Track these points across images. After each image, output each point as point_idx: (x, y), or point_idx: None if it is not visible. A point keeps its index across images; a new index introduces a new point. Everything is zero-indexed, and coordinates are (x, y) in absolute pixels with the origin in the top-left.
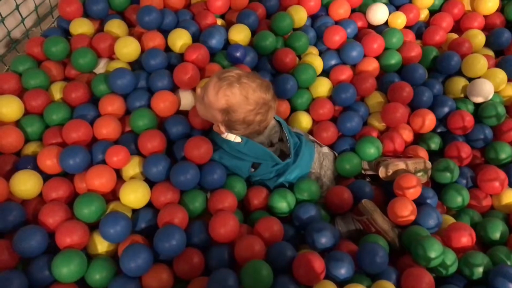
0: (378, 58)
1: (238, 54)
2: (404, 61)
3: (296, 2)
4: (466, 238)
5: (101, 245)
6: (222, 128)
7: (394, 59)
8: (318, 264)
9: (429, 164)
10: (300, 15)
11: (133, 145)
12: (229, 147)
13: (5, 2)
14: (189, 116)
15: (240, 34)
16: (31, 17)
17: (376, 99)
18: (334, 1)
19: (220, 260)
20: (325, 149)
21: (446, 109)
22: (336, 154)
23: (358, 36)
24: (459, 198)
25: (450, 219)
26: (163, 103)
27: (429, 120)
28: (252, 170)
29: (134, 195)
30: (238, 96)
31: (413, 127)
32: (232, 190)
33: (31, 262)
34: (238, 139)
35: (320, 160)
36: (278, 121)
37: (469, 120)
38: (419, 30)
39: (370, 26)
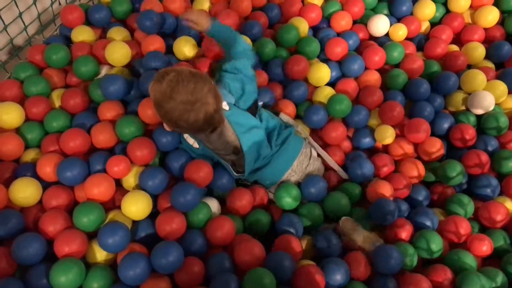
0: (382, 75)
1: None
2: (407, 74)
3: (297, 13)
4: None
5: (100, 254)
6: (164, 124)
7: (400, 78)
8: (319, 277)
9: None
10: (301, 27)
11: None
12: (187, 146)
13: (9, 9)
14: None
15: None
16: (34, 25)
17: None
18: (336, 13)
19: (221, 267)
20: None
21: (446, 125)
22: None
23: (360, 48)
24: None
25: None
26: (151, 110)
27: (438, 151)
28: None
29: (136, 207)
30: (162, 92)
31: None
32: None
33: (29, 270)
34: (196, 145)
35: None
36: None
37: (471, 133)
38: (420, 42)
39: (371, 37)
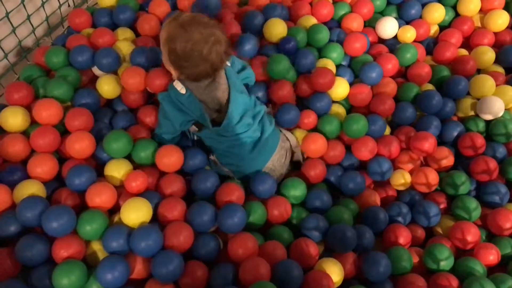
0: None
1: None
2: (414, 79)
3: (308, 11)
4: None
5: (102, 256)
6: (171, 69)
7: (413, 91)
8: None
9: None
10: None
11: None
12: (174, 94)
13: (18, 11)
14: None
15: None
16: (43, 27)
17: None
18: (348, 15)
19: (224, 279)
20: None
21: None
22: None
23: (370, 51)
24: None
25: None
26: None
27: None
28: (196, 129)
29: (136, 214)
30: (178, 25)
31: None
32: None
33: (32, 271)
34: (183, 91)
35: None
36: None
37: (480, 142)
38: (428, 46)
39: (380, 40)
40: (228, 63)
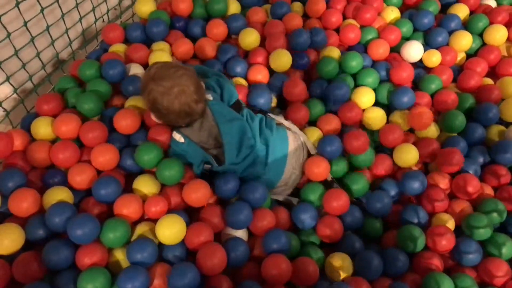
0: None
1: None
2: (441, 107)
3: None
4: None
5: (124, 265)
6: (152, 116)
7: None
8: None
9: None
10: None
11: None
12: (175, 145)
13: (56, 25)
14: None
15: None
16: (78, 40)
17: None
18: (375, 40)
19: None
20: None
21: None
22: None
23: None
24: None
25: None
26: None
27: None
28: (209, 166)
29: (170, 231)
30: (147, 76)
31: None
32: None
33: (58, 275)
34: (182, 140)
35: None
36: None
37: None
38: (454, 73)
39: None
40: (210, 97)
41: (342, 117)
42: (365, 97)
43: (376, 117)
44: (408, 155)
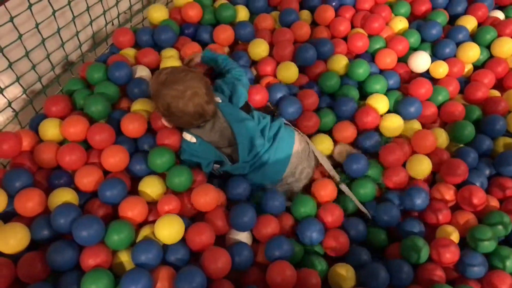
0: None
1: None
2: (448, 118)
3: (343, 43)
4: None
5: (128, 267)
6: (163, 120)
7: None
8: None
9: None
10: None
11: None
12: (186, 146)
13: (67, 28)
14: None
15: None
16: (88, 42)
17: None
18: (382, 50)
19: None
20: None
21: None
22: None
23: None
24: None
25: None
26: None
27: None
28: (217, 166)
29: (168, 231)
30: (159, 82)
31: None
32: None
33: (62, 276)
34: (193, 140)
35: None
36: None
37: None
38: (460, 84)
39: (412, 73)
40: (218, 99)
41: (359, 122)
42: (380, 104)
43: (393, 125)
44: (422, 166)
